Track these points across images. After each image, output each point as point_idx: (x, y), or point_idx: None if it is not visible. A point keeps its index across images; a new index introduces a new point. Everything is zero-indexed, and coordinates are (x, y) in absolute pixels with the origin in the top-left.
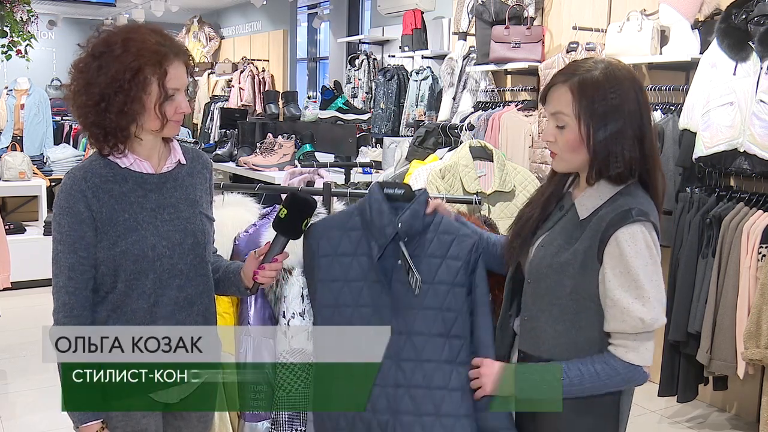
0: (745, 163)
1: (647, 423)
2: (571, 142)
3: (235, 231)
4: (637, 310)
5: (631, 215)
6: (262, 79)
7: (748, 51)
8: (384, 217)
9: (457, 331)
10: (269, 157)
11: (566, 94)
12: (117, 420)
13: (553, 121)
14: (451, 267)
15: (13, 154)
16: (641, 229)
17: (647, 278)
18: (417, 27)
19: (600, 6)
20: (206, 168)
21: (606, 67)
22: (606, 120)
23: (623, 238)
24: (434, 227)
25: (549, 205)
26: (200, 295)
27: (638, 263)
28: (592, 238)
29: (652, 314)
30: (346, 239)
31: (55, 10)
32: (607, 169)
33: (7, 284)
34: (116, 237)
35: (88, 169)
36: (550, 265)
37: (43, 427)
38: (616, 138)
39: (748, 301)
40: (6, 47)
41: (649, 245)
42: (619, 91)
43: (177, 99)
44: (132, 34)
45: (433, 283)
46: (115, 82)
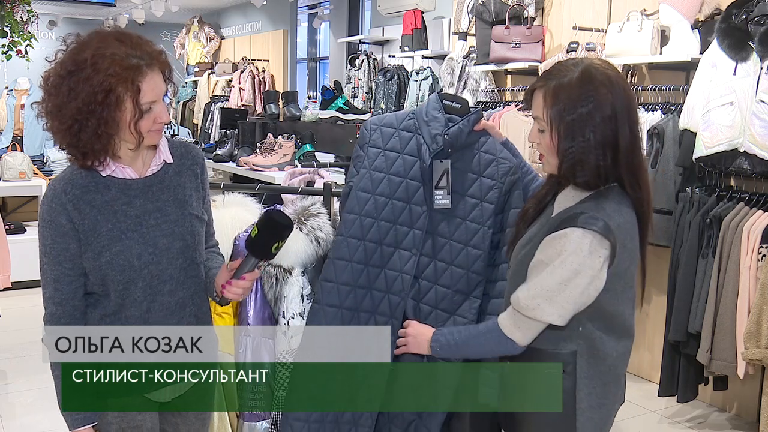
0: (745, 163)
1: (647, 423)
2: (549, 147)
3: (235, 231)
4: (522, 288)
5: (576, 220)
6: (262, 79)
7: (748, 51)
8: (438, 124)
9: (477, 268)
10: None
11: (541, 99)
12: (112, 416)
13: (535, 124)
14: (484, 184)
15: (14, 154)
16: (580, 234)
17: (552, 278)
18: (417, 27)
19: (600, 6)
20: (196, 163)
21: (584, 71)
22: (573, 128)
23: (559, 234)
24: (479, 145)
25: (543, 202)
26: (192, 297)
27: (554, 259)
28: (546, 232)
29: (530, 302)
30: (397, 137)
31: (55, 10)
32: (573, 176)
33: (7, 284)
34: (100, 248)
35: (68, 180)
36: (516, 256)
37: (43, 427)
38: (583, 146)
39: (748, 301)
40: (6, 47)
41: (575, 252)
42: (593, 97)
43: (155, 110)
44: (101, 48)
45: (464, 195)
46: (87, 106)
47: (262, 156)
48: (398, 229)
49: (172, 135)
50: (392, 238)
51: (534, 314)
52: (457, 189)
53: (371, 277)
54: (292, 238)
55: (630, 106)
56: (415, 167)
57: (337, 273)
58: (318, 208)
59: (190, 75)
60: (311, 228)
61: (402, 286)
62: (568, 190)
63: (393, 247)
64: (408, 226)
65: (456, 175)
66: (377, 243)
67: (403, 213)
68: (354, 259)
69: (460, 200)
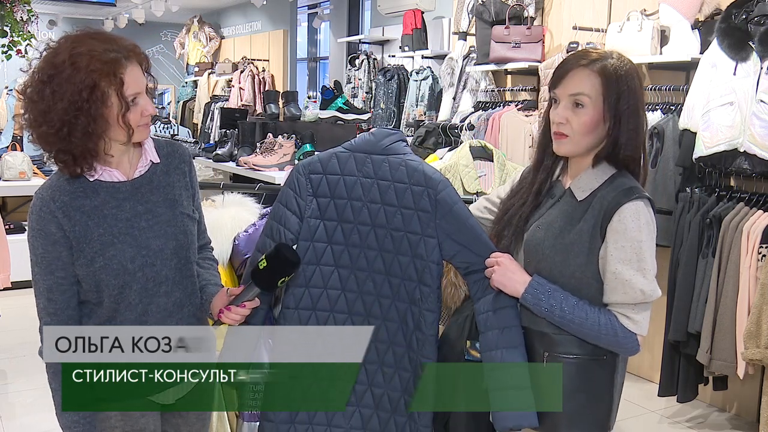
0: (745, 163)
1: (647, 423)
2: (588, 124)
3: (235, 231)
4: (638, 282)
5: (634, 192)
6: (262, 79)
7: (748, 51)
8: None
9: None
10: (269, 157)
11: (591, 76)
12: (116, 419)
13: (568, 102)
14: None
15: (14, 153)
16: (642, 205)
17: (649, 252)
18: (417, 27)
19: (600, 6)
20: (183, 161)
21: (618, 56)
22: (629, 101)
23: (627, 213)
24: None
25: (540, 194)
26: (189, 297)
27: (641, 237)
28: (596, 217)
29: (651, 286)
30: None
31: (55, 10)
32: (620, 150)
33: (7, 284)
34: (93, 254)
35: (55, 187)
36: (554, 246)
37: (43, 427)
38: (635, 120)
39: (748, 301)
40: (6, 47)
41: (648, 222)
42: (635, 78)
43: (140, 103)
44: (77, 47)
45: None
46: (73, 105)
47: (262, 156)
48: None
49: (172, 135)
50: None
51: (654, 297)
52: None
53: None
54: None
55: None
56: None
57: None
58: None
59: (190, 75)
60: None
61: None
62: (588, 173)
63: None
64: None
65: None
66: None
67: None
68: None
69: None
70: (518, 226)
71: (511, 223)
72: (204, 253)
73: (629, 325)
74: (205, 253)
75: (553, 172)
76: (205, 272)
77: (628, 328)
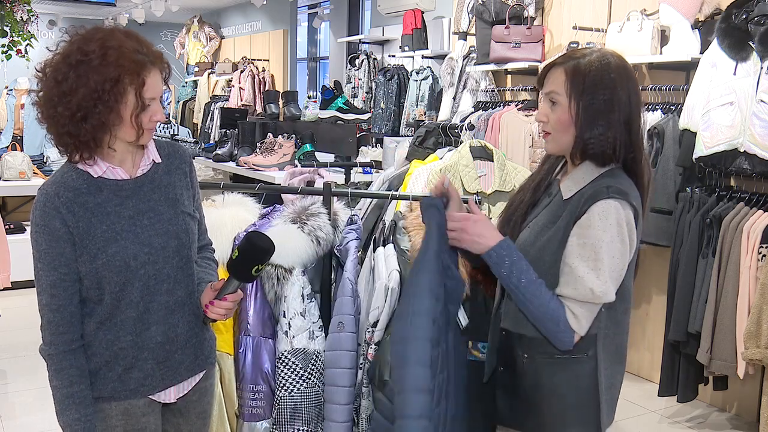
0: (745, 163)
1: (647, 423)
2: (562, 121)
3: (235, 231)
4: (590, 280)
5: (606, 191)
6: (262, 78)
7: (749, 51)
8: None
9: None
10: (269, 157)
11: (561, 74)
12: (116, 419)
13: (547, 101)
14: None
15: (14, 153)
16: (615, 205)
17: (608, 253)
18: (417, 27)
19: (600, 6)
20: (184, 162)
21: (600, 53)
22: (594, 98)
23: (596, 210)
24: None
25: (538, 190)
26: (190, 295)
27: (603, 237)
28: (571, 214)
29: (603, 287)
30: None
31: (55, 10)
32: (591, 147)
33: (7, 284)
34: (96, 250)
35: (60, 183)
36: (533, 244)
37: (43, 427)
38: (603, 116)
39: (748, 301)
40: (6, 47)
41: (620, 223)
42: (611, 75)
43: (152, 108)
44: (109, 41)
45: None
46: (94, 93)
47: (262, 156)
48: None
49: (172, 135)
50: None
51: (604, 300)
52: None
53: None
54: (293, 238)
55: (638, 95)
56: None
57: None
58: (318, 207)
59: (190, 75)
60: (312, 228)
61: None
62: (576, 172)
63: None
64: None
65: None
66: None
67: None
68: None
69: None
70: (516, 222)
71: (511, 219)
72: (203, 253)
73: (572, 320)
74: (204, 253)
75: (554, 169)
76: (200, 270)
77: (570, 323)
